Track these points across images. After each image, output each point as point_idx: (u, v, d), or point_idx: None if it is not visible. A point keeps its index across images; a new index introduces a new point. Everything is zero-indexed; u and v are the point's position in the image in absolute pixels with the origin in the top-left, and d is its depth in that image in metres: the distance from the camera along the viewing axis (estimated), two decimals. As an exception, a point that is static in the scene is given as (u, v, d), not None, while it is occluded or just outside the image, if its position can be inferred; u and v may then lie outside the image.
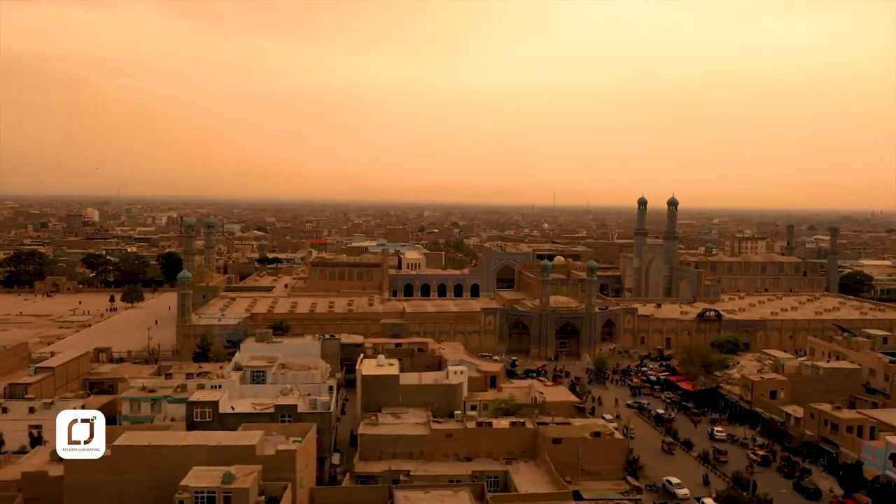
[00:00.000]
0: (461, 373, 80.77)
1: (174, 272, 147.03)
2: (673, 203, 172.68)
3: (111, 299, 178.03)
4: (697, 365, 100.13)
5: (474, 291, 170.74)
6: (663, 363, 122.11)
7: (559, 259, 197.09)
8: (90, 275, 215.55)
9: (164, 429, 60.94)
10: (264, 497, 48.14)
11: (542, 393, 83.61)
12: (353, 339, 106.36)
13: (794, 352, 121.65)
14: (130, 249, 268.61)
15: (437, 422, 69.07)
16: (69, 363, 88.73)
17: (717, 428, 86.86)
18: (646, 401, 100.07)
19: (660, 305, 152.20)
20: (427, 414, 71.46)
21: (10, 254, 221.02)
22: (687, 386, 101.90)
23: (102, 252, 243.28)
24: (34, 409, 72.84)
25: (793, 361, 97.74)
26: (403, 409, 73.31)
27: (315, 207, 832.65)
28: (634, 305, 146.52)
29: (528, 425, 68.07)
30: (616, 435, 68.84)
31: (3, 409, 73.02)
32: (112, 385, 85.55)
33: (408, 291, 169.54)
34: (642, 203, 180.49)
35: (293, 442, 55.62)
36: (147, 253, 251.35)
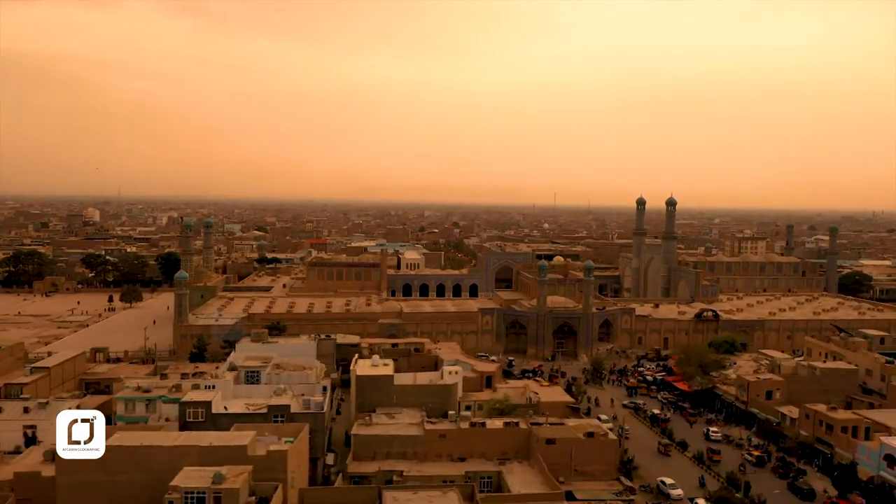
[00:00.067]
0: (456, 373, 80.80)
1: (173, 272, 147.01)
2: (671, 203, 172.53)
3: (110, 299, 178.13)
4: (694, 365, 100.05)
5: (473, 291, 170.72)
6: (660, 363, 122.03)
7: (558, 259, 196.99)
8: (89, 275, 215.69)
9: (158, 429, 60.96)
10: (255, 497, 48.15)
11: (536, 393, 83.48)
12: (349, 339, 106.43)
13: (792, 352, 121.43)
14: (130, 249, 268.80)
15: (431, 422, 69.00)
16: (65, 363, 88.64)
17: (713, 428, 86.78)
18: (642, 401, 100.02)
19: (657, 305, 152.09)
20: (421, 414, 71.44)
21: (10, 254, 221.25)
22: (683, 386, 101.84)
23: (102, 252, 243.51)
24: (29, 410, 72.75)
25: (789, 362, 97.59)
26: (398, 410, 73.26)
27: (315, 207, 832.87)
28: (632, 305, 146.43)
29: (522, 426, 68.00)
30: (610, 435, 68.75)
31: (-2, 410, 72.98)
32: (108, 385, 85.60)
33: (406, 291, 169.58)
34: (641, 203, 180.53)
35: (285, 442, 55.61)
36: (147, 253, 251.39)
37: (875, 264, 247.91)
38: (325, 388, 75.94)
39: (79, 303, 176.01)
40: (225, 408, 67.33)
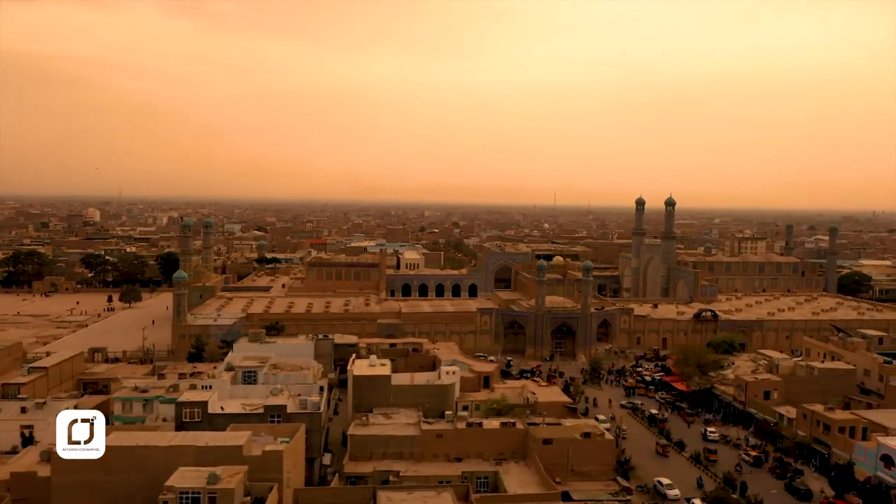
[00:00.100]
0: (453, 373, 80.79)
1: (173, 272, 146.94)
2: (670, 203, 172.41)
3: (109, 299, 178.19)
4: (692, 365, 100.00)
5: (472, 291, 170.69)
6: (658, 363, 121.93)
7: (558, 259, 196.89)
8: (89, 275, 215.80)
9: (154, 429, 60.99)
10: (250, 498, 48.14)
11: (534, 393, 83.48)
12: (347, 339, 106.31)
13: (791, 352, 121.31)
14: (130, 249, 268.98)
15: (428, 422, 68.96)
16: (63, 363, 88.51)
17: (711, 428, 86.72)
18: (640, 401, 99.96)
19: (656, 306, 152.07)
20: (418, 414, 71.40)
21: (10, 254, 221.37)
22: (681, 386, 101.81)
23: (101, 252, 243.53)
24: (26, 410, 72.62)
25: (787, 362, 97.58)
26: (395, 410, 73.21)
27: (316, 207, 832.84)
28: (631, 305, 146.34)
29: (519, 426, 67.98)
30: (606, 435, 68.73)
31: (-5, 410, 72.92)
32: (106, 385, 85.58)
33: (405, 292, 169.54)
34: (640, 203, 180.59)
35: (281, 442, 55.62)
36: (146, 253, 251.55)
37: (875, 264, 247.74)
38: (321, 389, 75.90)
39: (78, 303, 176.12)
40: (221, 408, 67.33)
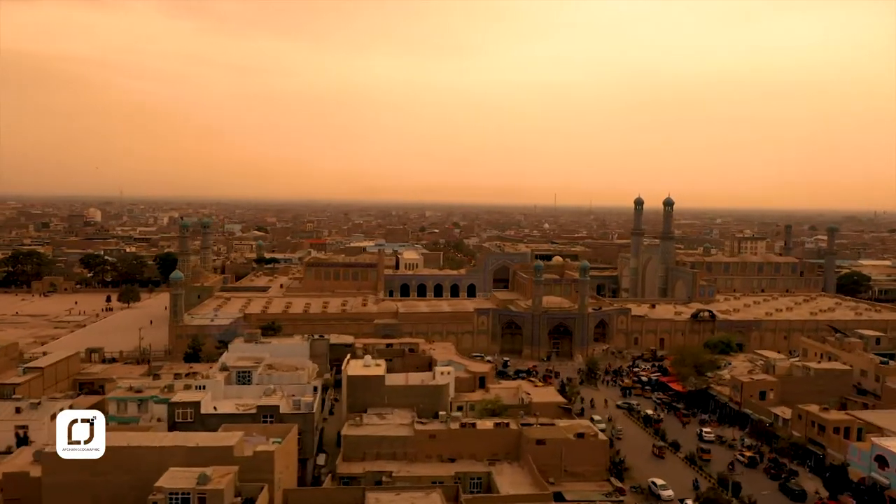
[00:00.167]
0: (448, 373, 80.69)
1: (171, 272, 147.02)
2: (669, 203, 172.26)
3: (108, 299, 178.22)
4: (689, 366, 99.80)
5: (471, 292, 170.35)
6: (655, 364, 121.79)
7: (557, 259, 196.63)
8: (88, 275, 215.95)
9: (147, 429, 61.00)
10: (240, 498, 48.08)
11: (529, 394, 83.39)
12: (343, 339, 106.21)
13: (788, 352, 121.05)
14: (129, 249, 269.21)
15: (422, 423, 68.90)
16: (58, 363, 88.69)
17: (706, 429, 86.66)
18: (636, 402, 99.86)
19: (654, 306, 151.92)
20: (412, 415, 71.36)
21: (9, 254, 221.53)
22: (678, 387, 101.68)
23: (101, 252, 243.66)
24: (21, 410, 72.65)
25: (784, 362, 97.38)
26: (389, 410, 73.14)
27: (317, 208, 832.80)
28: (628, 306, 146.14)
29: (513, 426, 67.93)
30: (600, 436, 68.69)
31: (-10, 410, 72.94)
32: (102, 385, 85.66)
33: (404, 292, 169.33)
34: (639, 203, 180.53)
35: (273, 443, 55.55)
36: (145, 253, 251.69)
37: (874, 264, 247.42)
38: (315, 389, 75.93)
39: (76, 303, 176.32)
40: (214, 408, 67.35)
